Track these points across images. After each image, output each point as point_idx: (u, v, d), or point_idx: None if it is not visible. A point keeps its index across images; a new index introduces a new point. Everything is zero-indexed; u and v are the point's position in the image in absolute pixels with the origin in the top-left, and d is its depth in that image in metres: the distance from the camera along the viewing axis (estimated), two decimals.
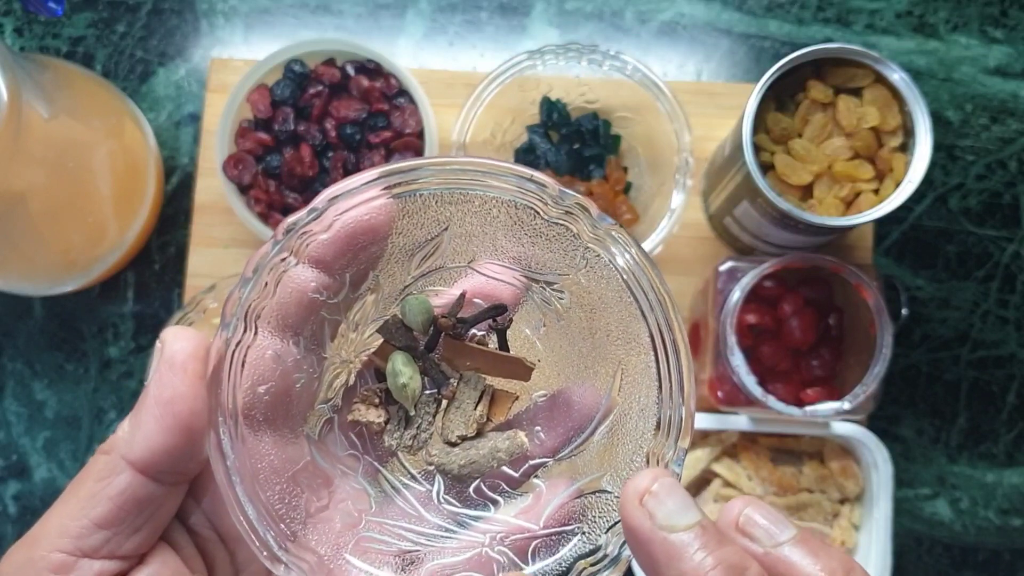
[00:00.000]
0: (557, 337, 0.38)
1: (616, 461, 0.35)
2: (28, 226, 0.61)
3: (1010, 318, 0.71)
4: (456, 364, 0.37)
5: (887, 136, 0.58)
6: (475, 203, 0.35)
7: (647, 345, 0.34)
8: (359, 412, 0.36)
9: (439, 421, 0.36)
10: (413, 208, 0.35)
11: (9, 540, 0.73)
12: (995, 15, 0.74)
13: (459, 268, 0.37)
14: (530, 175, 0.33)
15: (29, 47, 0.76)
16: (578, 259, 0.36)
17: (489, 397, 0.37)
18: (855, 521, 0.64)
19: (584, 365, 0.37)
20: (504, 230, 0.36)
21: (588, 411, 0.37)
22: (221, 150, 0.65)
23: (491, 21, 0.75)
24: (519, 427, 0.37)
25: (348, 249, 0.34)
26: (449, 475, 0.36)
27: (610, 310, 0.36)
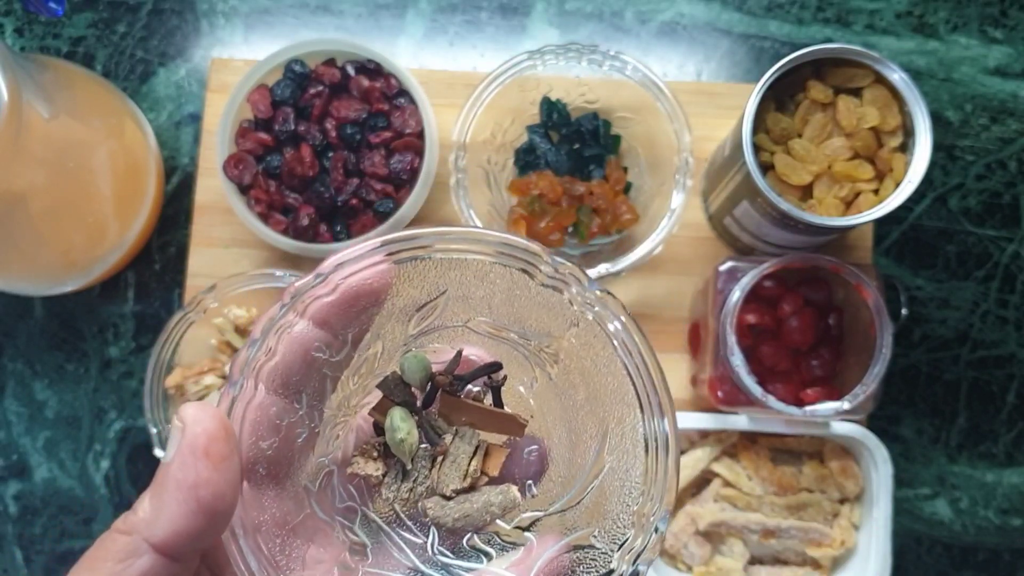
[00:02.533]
0: (549, 396, 0.39)
1: (605, 517, 0.36)
2: (29, 226, 0.61)
3: (1010, 318, 0.71)
4: (452, 419, 0.38)
5: (887, 136, 0.59)
6: (472, 268, 0.36)
7: (635, 407, 0.35)
8: (358, 465, 0.37)
9: (435, 475, 0.37)
10: (413, 272, 0.36)
11: (10, 539, 0.73)
12: (995, 15, 0.74)
13: (457, 328, 0.39)
14: (524, 245, 0.34)
15: (30, 47, 0.77)
16: (569, 322, 0.37)
17: (483, 452, 0.38)
18: (855, 521, 0.64)
19: (575, 423, 0.39)
20: (500, 293, 0.37)
21: (579, 468, 0.38)
22: (221, 150, 0.66)
23: (491, 21, 0.75)
24: (512, 481, 0.38)
25: (350, 310, 0.35)
26: (443, 528, 0.37)
27: (599, 372, 0.37)
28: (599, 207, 0.66)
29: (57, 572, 0.73)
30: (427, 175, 0.65)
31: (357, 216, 0.65)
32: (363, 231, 0.65)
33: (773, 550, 0.65)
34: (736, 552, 0.64)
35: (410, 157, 0.65)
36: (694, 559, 0.64)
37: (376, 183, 0.65)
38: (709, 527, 0.64)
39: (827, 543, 0.63)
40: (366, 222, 0.65)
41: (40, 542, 0.73)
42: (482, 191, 0.66)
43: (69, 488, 0.73)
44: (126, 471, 0.73)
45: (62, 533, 0.73)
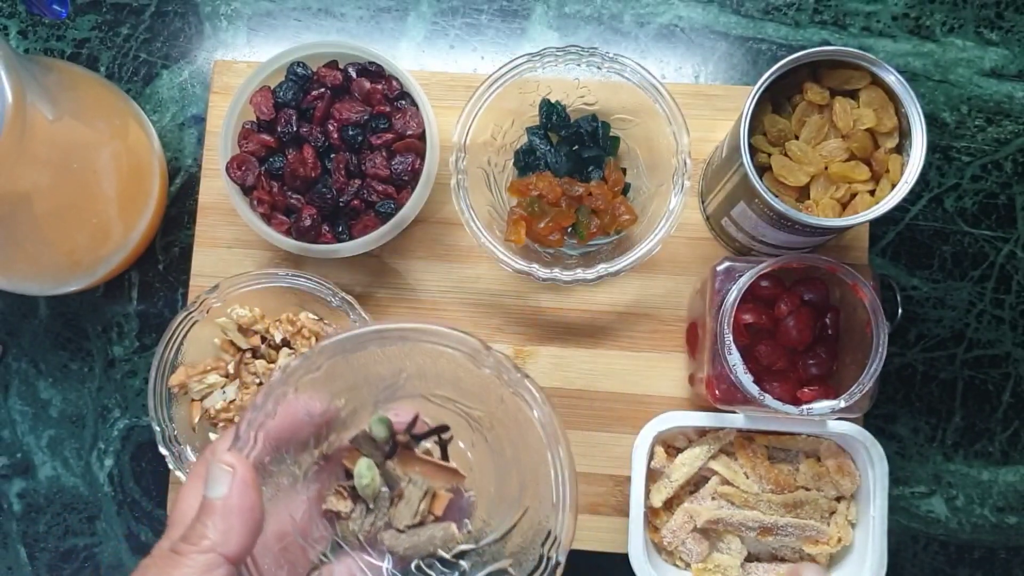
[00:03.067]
0: (484, 453, 0.50)
1: (520, 552, 0.45)
2: (33, 227, 0.62)
3: (1005, 318, 0.72)
4: (407, 470, 0.48)
5: (883, 137, 0.59)
6: (428, 352, 0.46)
7: (548, 468, 0.44)
8: (331, 503, 0.47)
9: (392, 512, 0.48)
10: (381, 356, 0.46)
11: (14, 537, 0.73)
12: (991, 17, 0.74)
13: (415, 397, 0.50)
14: (464, 339, 0.44)
15: (34, 49, 0.77)
16: (497, 397, 0.46)
17: (431, 496, 0.48)
18: (851, 518, 0.64)
19: (503, 476, 0.49)
20: (448, 373, 0.47)
21: (504, 512, 0.48)
22: (224, 152, 0.66)
23: (491, 24, 0.76)
24: (453, 520, 0.48)
25: (331, 384, 0.46)
26: (396, 554, 0.47)
27: (522, 438, 0.46)
28: (598, 208, 0.66)
29: (61, 569, 0.73)
30: (428, 176, 0.65)
31: (359, 217, 0.66)
32: (365, 232, 0.65)
33: (770, 547, 0.66)
34: (733, 549, 0.65)
35: (411, 158, 0.65)
36: (692, 556, 0.64)
37: (378, 184, 0.65)
38: (707, 524, 0.64)
39: (824, 540, 0.64)
40: (368, 223, 0.65)
41: (44, 540, 0.74)
42: (482, 192, 0.66)
43: (73, 486, 0.73)
44: (130, 469, 0.73)
45: (66, 531, 0.73)
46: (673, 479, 0.64)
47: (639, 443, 0.63)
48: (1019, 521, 0.70)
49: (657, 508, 0.65)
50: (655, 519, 0.65)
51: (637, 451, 0.63)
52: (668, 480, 0.65)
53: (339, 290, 0.65)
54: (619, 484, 0.68)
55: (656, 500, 0.64)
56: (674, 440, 0.66)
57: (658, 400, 0.69)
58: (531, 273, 0.63)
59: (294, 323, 0.66)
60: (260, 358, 0.67)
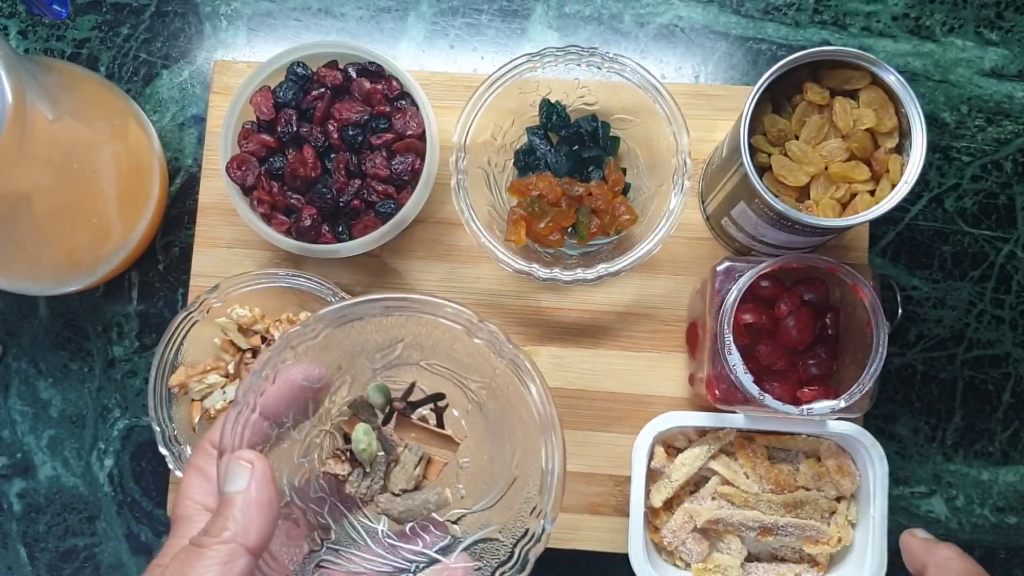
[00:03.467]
0: (477, 421, 0.51)
1: (509, 518, 0.47)
2: (33, 227, 0.62)
3: (1005, 318, 0.72)
4: (403, 435, 0.50)
5: (883, 138, 0.59)
6: (424, 324, 0.47)
7: (539, 437, 0.45)
8: (330, 466, 0.48)
9: (388, 476, 0.49)
10: (379, 325, 0.47)
11: (14, 537, 0.74)
12: (991, 17, 0.74)
13: (412, 365, 0.51)
14: (460, 311, 0.45)
15: (34, 49, 0.77)
16: (491, 368, 0.48)
17: (426, 462, 0.50)
18: (851, 518, 0.64)
19: (495, 444, 0.50)
20: (444, 343, 0.49)
21: (495, 479, 0.50)
22: (224, 151, 0.66)
23: (491, 24, 0.76)
24: (446, 485, 0.50)
25: (330, 352, 0.47)
26: (391, 517, 0.49)
27: (514, 408, 0.47)
28: (598, 208, 0.66)
29: (61, 570, 0.73)
30: (428, 176, 0.65)
31: (359, 217, 0.66)
32: (365, 232, 0.65)
33: (770, 547, 0.66)
34: (734, 549, 0.65)
35: (411, 158, 0.65)
36: (692, 556, 0.64)
37: (378, 184, 0.65)
38: (707, 524, 0.64)
39: (824, 540, 0.64)
40: (368, 223, 0.65)
41: (44, 540, 0.74)
42: (482, 192, 0.66)
43: (73, 486, 0.73)
44: (130, 469, 0.73)
45: (66, 531, 0.73)
46: (673, 479, 0.64)
47: (639, 443, 0.63)
48: (1019, 521, 0.70)
49: (657, 508, 0.65)
50: (655, 519, 0.65)
51: (637, 451, 0.63)
52: (668, 480, 0.65)
53: (339, 290, 0.65)
54: (619, 484, 0.68)
55: (656, 500, 0.64)
56: (674, 440, 0.66)
57: (658, 400, 0.69)
58: (531, 273, 0.63)
59: (294, 323, 0.66)
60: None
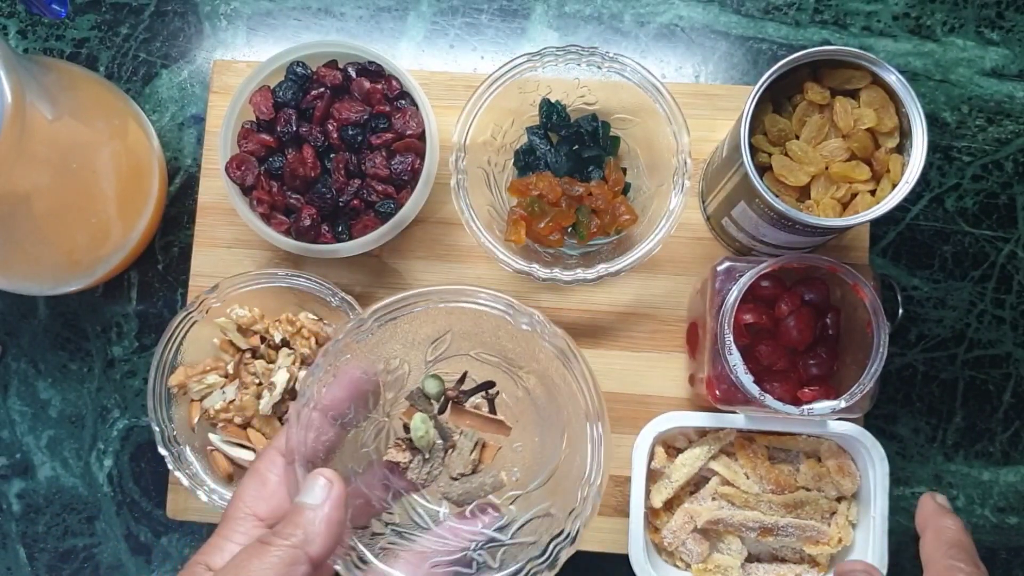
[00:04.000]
0: (528, 406, 0.54)
1: (561, 495, 0.49)
2: (32, 227, 0.62)
3: (1006, 318, 0.72)
4: (458, 423, 0.53)
5: (883, 137, 0.59)
6: (469, 314, 0.49)
7: (581, 413, 0.48)
8: (392, 454, 0.51)
9: (446, 462, 0.52)
10: (427, 317, 0.50)
11: (13, 538, 0.73)
12: (991, 17, 0.74)
13: (462, 355, 0.54)
14: (503, 299, 0.48)
15: (33, 49, 0.77)
16: (536, 353, 0.50)
17: (481, 447, 0.52)
18: (852, 519, 0.64)
19: (544, 425, 0.53)
20: (488, 332, 0.52)
21: (546, 459, 0.53)
22: (224, 151, 0.66)
23: (491, 24, 0.76)
24: (501, 468, 0.52)
25: (384, 347, 0.51)
26: (450, 500, 0.52)
27: (559, 389, 0.50)
28: (598, 208, 0.66)
29: (60, 570, 0.73)
30: (428, 176, 0.65)
31: (359, 217, 0.66)
32: (364, 232, 0.65)
33: (771, 548, 0.66)
34: (734, 550, 0.65)
35: (411, 158, 0.65)
36: (692, 556, 0.64)
37: (377, 184, 0.65)
38: (707, 525, 0.64)
39: (824, 541, 0.64)
40: (368, 223, 0.65)
41: (43, 540, 0.74)
42: (482, 192, 0.66)
43: (72, 487, 0.73)
44: (129, 470, 0.73)
45: (65, 531, 0.73)
46: (673, 479, 0.64)
47: (639, 443, 0.63)
48: (1020, 521, 0.70)
49: (657, 509, 0.65)
50: (655, 520, 0.65)
51: (637, 451, 0.63)
52: (668, 481, 0.64)
53: (339, 290, 0.65)
54: (619, 485, 0.68)
55: (656, 501, 0.64)
56: (674, 440, 0.66)
57: (658, 400, 0.69)
58: (531, 273, 0.63)
59: (294, 323, 0.66)
60: (259, 358, 0.67)
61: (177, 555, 0.73)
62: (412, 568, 0.48)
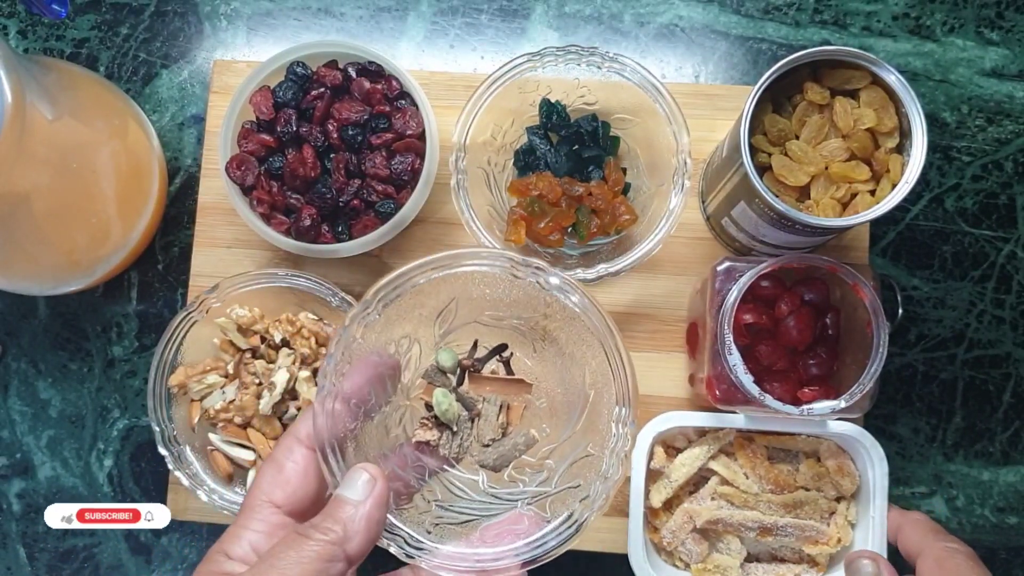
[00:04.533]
0: (544, 358, 0.54)
1: (596, 431, 0.50)
2: (32, 227, 0.62)
3: (1006, 318, 0.72)
4: (479, 391, 0.53)
5: (883, 137, 0.59)
6: (469, 279, 0.50)
7: (600, 349, 0.48)
8: (420, 434, 0.52)
9: (475, 431, 0.53)
10: (429, 289, 0.49)
11: (13, 537, 0.73)
12: (991, 17, 0.74)
13: (470, 324, 0.54)
14: (500, 253, 0.48)
15: (33, 49, 0.77)
16: (543, 302, 0.51)
17: (506, 409, 0.53)
18: (851, 519, 0.64)
19: (566, 374, 0.53)
20: (493, 292, 0.51)
21: (573, 405, 0.53)
22: (224, 151, 0.66)
23: (491, 24, 0.76)
24: (530, 426, 0.53)
25: (393, 328, 0.51)
26: (487, 467, 0.52)
27: (573, 333, 0.51)
28: (598, 208, 0.66)
29: (60, 570, 0.73)
30: (428, 176, 0.65)
31: (359, 217, 0.66)
32: (364, 232, 0.65)
33: (770, 547, 0.66)
34: (733, 549, 0.65)
35: (411, 158, 0.65)
36: (691, 556, 0.64)
37: (377, 184, 0.65)
38: (706, 525, 0.64)
39: (824, 541, 0.64)
40: (368, 223, 0.65)
41: (43, 540, 0.74)
42: (482, 192, 0.66)
43: (72, 486, 0.73)
44: (129, 469, 0.73)
45: (65, 531, 0.73)
46: (673, 479, 0.64)
47: (638, 443, 0.63)
48: (1019, 521, 0.70)
49: (657, 508, 0.65)
50: (655, 519, 0.65)
51: (636, 451, 0.63)
52: (668, 480, 0.64)
53: (339, 290, 0.65)
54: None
55: (656, 500, 0.64)
56: (674, 440, 0.66)
57: (658, 400, 0.69)
58: None
59: (293, 323, 0.66)
60: (259, 358, 0.67)
61: (177, 555, 0.73)
62: (465, 540, 0.48)
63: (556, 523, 0.47)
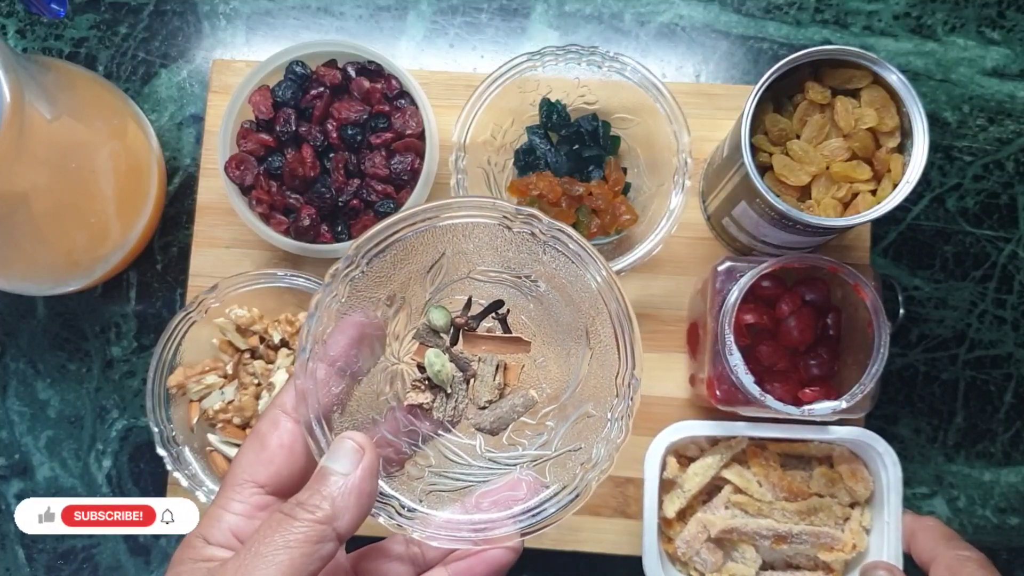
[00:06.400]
0: (543, 315, 0.51)
1: (597, 390, 0.47)
2: (31, 226, 0.62)
3: (1007, 318, 0.71)
4: (474, 350, 0.50)
5: (884, 137, 0.59)
6: (459, 231, 0.47)
7: (602, 304, 0.45)
8: (412, 397, 0.49)
9: (470, 393, 0.49)
10: (417, 243, 0.46)
11: (12, 538, 0.73)
12: (992, 16, 0.74)
13: (463, 280, 0.50)
14: (491, 202, 0.45)
15: (32, 48, 0.77)
16: (541, 254, 0.47)
17: (503, 369, 0.50)
18: (865, 524, 0.64)
19: (566, 329, 0.50)
20: (485, 245, 0.48)
21: (574, 364, 0.49)
22: (223, 151, 0.66)
23: (491, 23, 0.75)
24: (529, 386, 0.50)
25: (381, 287, 0.47)
26: (484, 430, 0.49)
27: (572, 286, 0.47)
28: (598, 208, 0.66)
29: (59, 570, 0.73)
30: (428, 176, 0.65)
31: (358, 217, 0.65)
32: (364, 231, 0.65)
33: (785, 555, 0.65)
34: (748, 558, 0.64)
35: (411, 158, 0.65)
36: (706, 566, 0.64)
37: (377, 184, 0.65)
38: (721, 534, 0.63)
39: (838, 547, 0.63)
40: (367, 223, 0.65)
41: (42, 541, 0.73)
42: (482, 192, 0.66)
43: (71, 487, 0.73)
44: (128, 470, 0.73)
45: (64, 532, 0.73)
46: (686, 489, 0.64)
47: (651, 453, 0.63)
48: (1021, 522, 0.70)
49: (671, 519, 0.64)
50: (668, 530, 0.64)
51: (649, 461, 0.63)
52: (681, 490, 0.64)
53: None
54: (619, 486, 0.68)
55: (669, 511, 0.63)
56: (686, 450, 0.65)
57: (659, 401, 0.69)
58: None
59: (292, 323, 0.66)
60: (258, 359, 0.67)
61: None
62: (460, 507, 0.45)
63: (556, 488, 0.45)
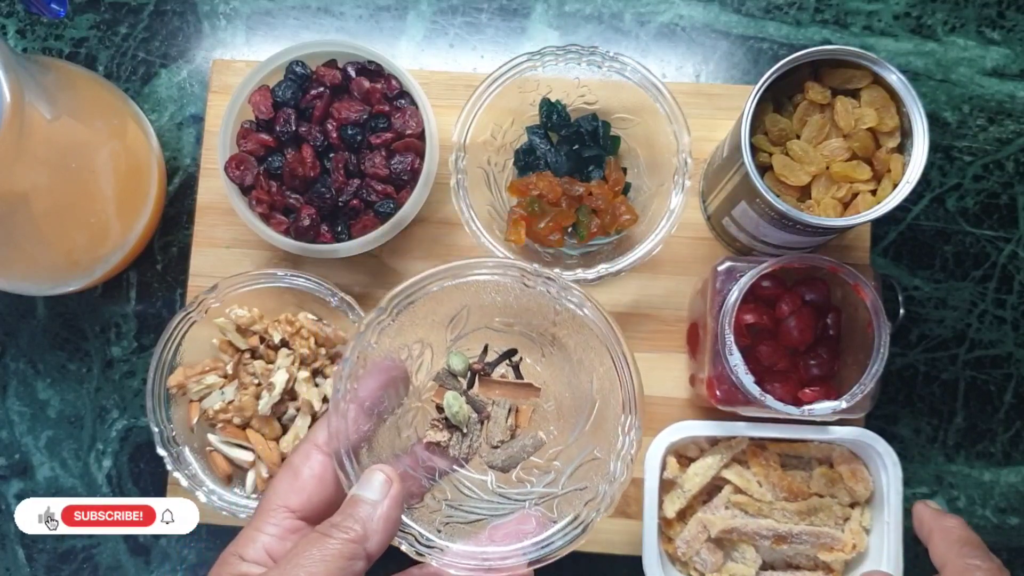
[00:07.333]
0: (552, 363, 0.56)
1: (603, 436, 0.51)
2: (31, 226, 0.62)
3: (1007, 318, 0.71)
4: (489, 394, 0.55)
5: (884, 137, 0.59)
6: (480, 287, 0.52)
7: (607, 356, 0.50)
8: (430, 436, 0.54)
9: (484, 433, 0.54)
10: (442, 296, 0.51)
11: (12, 538, 0.73)
12: (992, 16, 0.74)
13: (481, 329, 0.56)
14: (512, 263, 0.51)
15: (32, 48, 0.77)
16: (553, 310, 0.53)
17: (515, 412, 0.55)
18: (865, 524, 0.64)
19: (573, 379, 0.55)
20: (503, 300, 0.53)
21: (580, 409, 0.54)
22: (223, 151, 0.66)
23: (491, 23, 0.75)
24: (538, 428, 0.55)
25: (406, 333, 0.53)
26: (495, 468, 0.54)
27: (581, 340, 0.52)
28: (598, 208, 0.66)
29: (59, 571, 0.73)
30: (428, 176, 0.65)
31: (358, 217, 0.65)
32: (364, 232, 0.65)
33: (785, 555, 0.65)
34: (748, 558, 0.64)
35: (411, 158, 0.65)
36: (706, 566, 0.63)
37: (377, 184, 0.65)
38: (721, 534, 0.63)
39: (838, 547, 0.63)
40: (367, 223, 0.65)
41: (42, 541, 0.73)
42: (482, 192, 0.66)
43: (71, 487, 0.73)
44: (128, 470, 0.73)
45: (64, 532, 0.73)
46: (686, 489, 0.64)
47: (651, 454, 0.63)
48: (1021, 522, 0.70)
49: (671, 519, 0.64)
50: (668, 530, 0.64)
51: (649, 462, 0.63)
52: (681, 490, 0.64)
53: (338, 290, 0.65)
54: None
55: (669, 511, 0.63)
56: (686, 450, 0.65)
57: (659, 401, 0.69)
58: None
59: (293, 324, 0.66)
60: (259, 359, 0.67)
61: (176, 556, 0.73)
62: (474, 539, 0.49)
63: (563, 523, 0.49)
